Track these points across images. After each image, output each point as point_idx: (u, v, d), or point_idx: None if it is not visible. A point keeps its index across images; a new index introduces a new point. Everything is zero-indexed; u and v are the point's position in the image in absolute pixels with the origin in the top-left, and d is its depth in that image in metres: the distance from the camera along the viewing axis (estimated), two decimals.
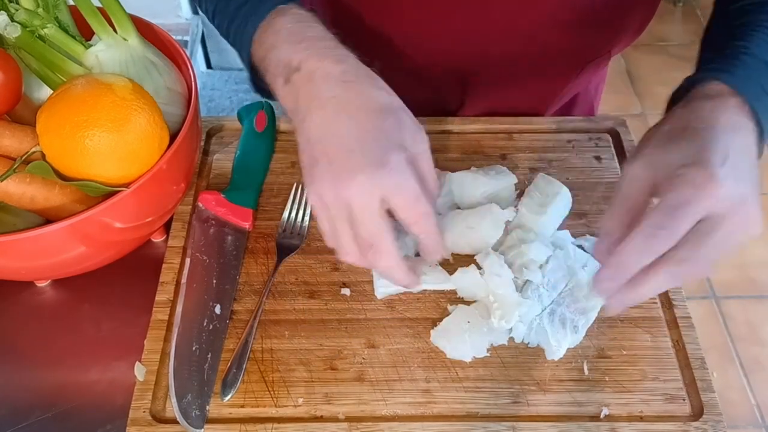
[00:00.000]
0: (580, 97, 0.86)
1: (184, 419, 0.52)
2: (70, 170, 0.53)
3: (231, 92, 2.00)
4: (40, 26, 0.55)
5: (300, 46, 0.52)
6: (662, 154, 0.47)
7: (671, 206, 0.44)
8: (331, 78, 0.50)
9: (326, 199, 0.48)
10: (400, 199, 0.48)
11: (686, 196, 0.44)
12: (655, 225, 0.44)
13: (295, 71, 0.51)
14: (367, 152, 0.47)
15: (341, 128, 0.48)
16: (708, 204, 0.44)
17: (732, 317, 1.64)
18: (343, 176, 0.47)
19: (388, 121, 0.49)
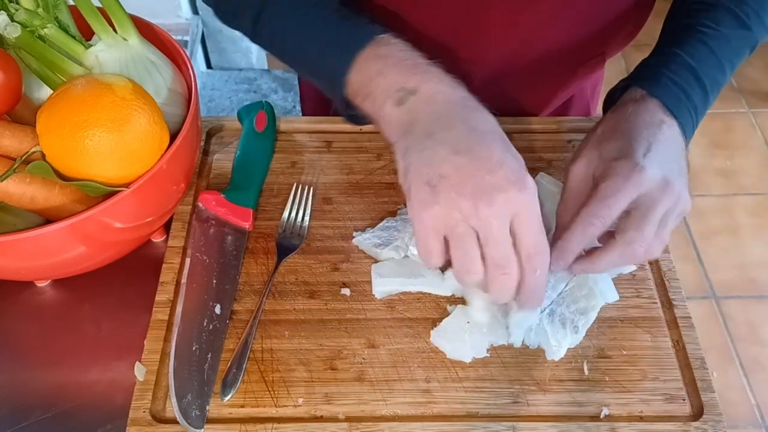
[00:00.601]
0: (577, 97, 0.86)
1: (184, 419, 0.52)
2: (70, 170, 0.53)
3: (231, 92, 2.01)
4: (40, 26, 0.55)
5: (413, 71, 0.52)
6: (597, 152, 0.54)
7: (603, 196, 0.51)
8: (453, 102, 0.50)
9: (455, 216, 0.47)
10: (529, 222, 0.47)
11: (616, 185, 0.51)
12: (591, 214, 0.51)
13: (411, 94, 0.51)
14: (508, 172, 0.47)
15: (474, 145, 0.48)
16: (635, 189, 0.50)
17: (732, 317, 1.64)
18: (483, 195, 0.46)
19: (513, 149, 0.49)
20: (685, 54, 0.58)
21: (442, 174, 0.47)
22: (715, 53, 0.59)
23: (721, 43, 0.59)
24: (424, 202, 0.48)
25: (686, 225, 1.79)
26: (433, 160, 0.48)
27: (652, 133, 0.53)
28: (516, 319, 0.56)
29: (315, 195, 0.67)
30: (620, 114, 0.56)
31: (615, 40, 0.74)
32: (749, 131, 2.05)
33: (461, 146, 0.47)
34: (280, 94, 2.01)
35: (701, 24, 0.59)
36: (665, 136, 0.54)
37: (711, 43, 0.59)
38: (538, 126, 0.73)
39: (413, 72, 0.52)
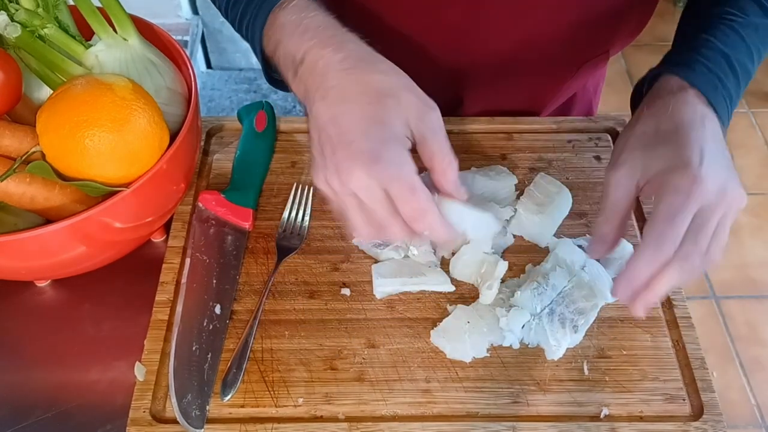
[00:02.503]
0: (578, 96, 0.86)
1: (184, 419, 0.52)
2: (70, 170, 0.53)
3: (231, 92, 2.01)
4: (40, 26, 0.55)
5: (302, 38, 0.52)
6: (641, 160, 0.51)
7: (668, 215, 0.47)
8: (331, 67, 0.50)
9: (333, 187, 0.49)
10: (397, 191, 0.48)
11: (678, 202, 0.47)
12: (659, 236, 0.47)
13: (300, 64, 0.52)
14: (363, 143, 0.48)
15: (341, 118, 0.49)
16: (697, 204, 0.48)
17: (732, 317, 1.64)
18: (343, 168, 0.48)
19: (387, 106, 0.49)
20: (718, 41, 0.55)
21: (320, 145, 0.50)
22: (745, 41, 0.56)
23: (750, 31, 0.57)
24: (314, 171, 0.51)
25: None
26: (316, 130, 0.50)
27: (701, 136, 0.50)
28: (508, 322, 0.56)
29: (315, 195, 0.67)
30: (659, 110, 0.53)
31: (619, 36, 0.73)
32: (749, 131, 2.05)
33: (332, 121, 0.49)
34: (280, 94, 2.00)
35: (728, 12, 0.57)
36: (712, 134, 0.51)
37: (741, 30, 0.56)
38: (538, 126, 0.73)
39: (302, 39, 0.52)
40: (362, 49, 0.52)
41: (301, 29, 0.53)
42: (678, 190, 0.48)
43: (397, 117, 0.49)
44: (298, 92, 0.54)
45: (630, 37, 0.75)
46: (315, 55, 0.51)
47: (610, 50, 0.76)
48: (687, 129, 0.51)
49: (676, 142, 0.50)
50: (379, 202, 0.48)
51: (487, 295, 0.58)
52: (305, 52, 0.52)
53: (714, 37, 0.56)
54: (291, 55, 0.53)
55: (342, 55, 0.51)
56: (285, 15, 0.55)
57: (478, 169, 0.67)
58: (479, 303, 0.59)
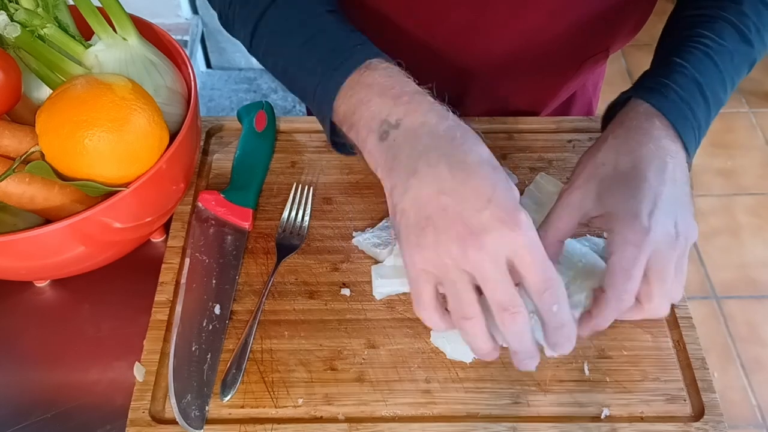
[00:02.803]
0: (578, 95, 0.86)
1: (184, 420, 0.52)
2: (70, 170, 0.53)
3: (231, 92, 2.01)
4: (40, 26, 0.55)
5: (397, 101, 0.48)
6: (596, 192, 0.52)
7: (623, 269, 0.49)
8: (437, 135, 0.46)
9: (446, 262, 0.44)
10: (531, 260, 0.44)
11: (631, 256, 0.48)
12: (620, 290, 0.49)
13: (394, 128, 0.48)
14: (497, 211, 0.44)
15: (459, 184, 0.44)
16: (647, 255, 0.49)
17: (732, 317, 1.64)
18: (472, 237, 0.43)
19: (503, 181, 0.45)
20: (693, 67, 0.55)
21: (428, 216, 0.45)
22: (719, 68, 0.56)
23: (725, 58, 0.56)
24: (414, 246, 0.45)
25: None
26: (418, 201, 0.45)
27: (658, 180, 0.50)
28: None
29: (315, 195, 0.67)
30: (622, 142, 0.53)
31: (619, 34, 0.73)
32: (750, 131, 2.05)
33: (446, 185, 0.45)
34: (280, 93, 2.01)
35: (704, 36, 0.57)
36: (671, 174, 0.51)
37: (716, 57, 0.56)
38: (538, 126, 0.73)
39: (397, 102, 0.48)
40: (461, 122, 0.48)
41: (395, 92, 0.49)
42: (628, 242, 0.49)
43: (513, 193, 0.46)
44: (380, 158, 0.48)
45: (630, 35, 0.75)
46: (414, 121, 0.47)
47: (610, 48, 0.76)
48: (644, 171, 0.51)
49: (631, 186, 0.50)
50: (506, 276, 0.44)
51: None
52: (402, 116, 0.48)
53: (688, 63, 0.55)
54: (380, 117, 0.48)
55: (447, 125, 0.47)
56: (375, 76, 0.50)
57: None
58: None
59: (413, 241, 0.45)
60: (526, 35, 0.69)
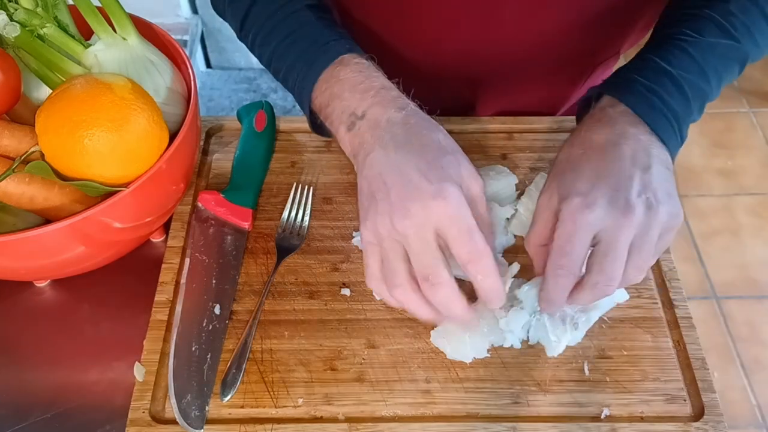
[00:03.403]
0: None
1: (184, 420, 0.52)
2: (70, 170, 0.52)
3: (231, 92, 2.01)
4: (39, 26, 0.55)
5: (365, 95, 0.54)
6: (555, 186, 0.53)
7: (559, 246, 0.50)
8: (394, 122, 0.52)
9: (381, 232, 0.49)
10: (455, 231, 0.47)
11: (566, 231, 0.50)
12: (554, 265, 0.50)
13: (360, 118, 0.54)
14: (424, 183, 0.48)
15: (400, 164, 0.49)
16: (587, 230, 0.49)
17: (732, 317, 1.64)
18: (399, 207, 0.48)
19: (447, 159, 0.50)
20: (662, 60, 0.56)
21: (372, 192, 0.50)
22: (695, 59, 0.56)
23: (704, 49, 0.57)
24: (362, 221, 0.51)
25: (687, 225, 1.78)
26: (368, 179, 0.51)
27: (610, 159, 0.51)
28: (507, 322, 0.56)
29: (315, 195, 0.67)
30: (578, 134, 0.55)
31: (630, 38, 0.73)
32: (750, 131, 2.05)
33: (390, 163, 0.50)
34: (280, 93, 2.00)
35: (682, 33, 0.57)
36: (626, 155, 0.51)
37: (690, 49, 0.56)
38: (539, 126, 0.73)
39: (364, 96, 0.54)
40: (421, 112, 0.54)
41: (363, 87, 0.55)
42: (564, 217, 0.50)
43: (455, 170, 0.49)
44: (348, 145, 0.55)
45: (640, 36, 0.74)
46: (377, 113, 0.53)
47: (621, 50, 0.76)
48: (590, 154, 0.52)
49: (576, 169, 0.52)
50: (429, 247, 0.47)
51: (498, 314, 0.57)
52: (367, 109, 0.54)
53: (657, 56, 0.56)
54: (350, 110, 0.54)
55: (405, 113, 0.53)
56: (346, 72, 0.56)
57: (478, 168, 0.67)
58: (480, 303, 0.58)
59: (362, 216, 0.51)
60: (535, 44, 0.69)
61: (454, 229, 0.47)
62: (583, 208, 0.49)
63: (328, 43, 0.58)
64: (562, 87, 0.78)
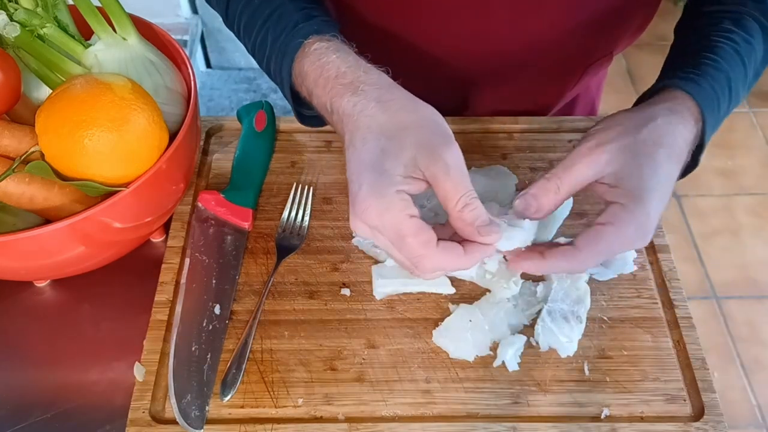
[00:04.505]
0: (582, 95, 0.86)
1: (184, 420, 0.52)
2: (70, 170, 0.52)
3: (231, 92, 2.00)
4: (39, 26, 0.55)
5: (325, 89, 0.54)
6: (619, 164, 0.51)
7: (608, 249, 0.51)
8: (347, 114, 0.52)
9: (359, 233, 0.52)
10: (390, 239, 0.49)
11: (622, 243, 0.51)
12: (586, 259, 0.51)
13: (331, 113, 0.54)
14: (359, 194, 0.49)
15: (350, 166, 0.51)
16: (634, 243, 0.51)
17: (732, 317, 1.64)
18: (351, 218, 0.51)
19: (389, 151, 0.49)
20: (725, 62, 0.55)
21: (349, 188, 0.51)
22: (745, 67, 0.56)
23: (752, 57, 0.57)
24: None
25: (687, 225, 1.78)
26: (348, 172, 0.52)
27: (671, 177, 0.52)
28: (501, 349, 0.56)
29: (315, 195, 0.67)
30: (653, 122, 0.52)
31: (623, 37, 0.73)
32: (750, 131, 2.05)
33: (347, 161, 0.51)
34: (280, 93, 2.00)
35: (732, 32, 0.57)
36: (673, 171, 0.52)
37: (744, 55, 0.56)
38: (539, 126, 0.73)
39: (324, 91, 0.54)
40: (377, 91, 0.52)
41: (323, 80, 0.54)
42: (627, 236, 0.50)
43: (397, 160, 0.48)
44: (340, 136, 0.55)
45: (633, 37, 0.75)
46: (337, 105, 0.53)
47: (614, 51, 0.76)
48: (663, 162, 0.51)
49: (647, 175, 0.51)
50: (388, 247, 0.50)
51: (510, 290, 0.58)
52: (331, 103, 0.53)
53: (721, 58, 0.56)
54: (323, 105, 0.55)
55: (355, 100, 0.51)
56: (308, 63, 0.55)
57: (478, 169, 0.67)
58: (482, 301, 0.59)
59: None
60: (529, 42, 0.69)
61: (381, 239, 0.49)
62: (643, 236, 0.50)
63: (295, 26, 0.57)
64: (556, 88, 0.78)
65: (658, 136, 0.52)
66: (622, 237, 0.50)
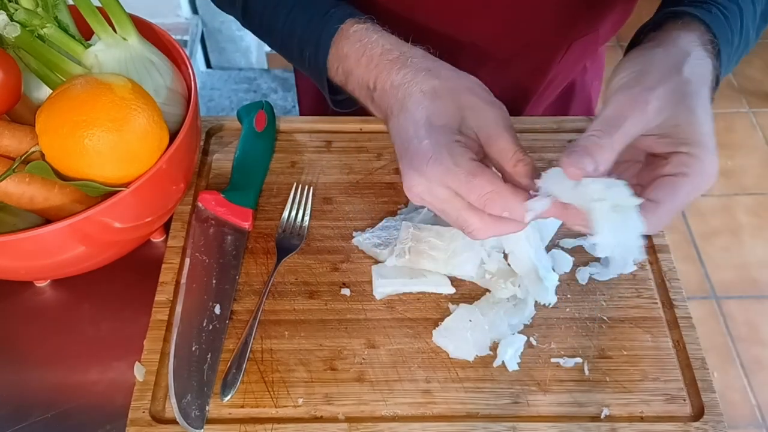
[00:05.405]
0: (577, 90, 0.85)
1: (184, 419, 0.52)
2: (70, 170, 0.53)
3: (231, 92, 2.01)
4: (40, 26, 0.55)
5: (369, 66, 0.55)
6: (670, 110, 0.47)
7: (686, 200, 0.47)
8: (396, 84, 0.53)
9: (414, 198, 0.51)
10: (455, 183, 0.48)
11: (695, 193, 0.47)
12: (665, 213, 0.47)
13: (374, 90, 0.55)
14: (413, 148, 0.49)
15: (400, 129, 0.51)
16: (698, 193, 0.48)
17: (732, 317, 1.64)
18: (406, 177, 0.50)
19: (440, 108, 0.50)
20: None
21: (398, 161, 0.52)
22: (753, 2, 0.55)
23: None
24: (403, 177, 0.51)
25: (687, 225, 1.78)
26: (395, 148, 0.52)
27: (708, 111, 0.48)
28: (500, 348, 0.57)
29: (315, 195, 0.67)
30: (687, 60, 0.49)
31: (607, 15, 0.72)
32: (750, 131, 2.05)
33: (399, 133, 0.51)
34: (280, 93, 2.01)
35: None
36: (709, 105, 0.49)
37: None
38: (539, 126, 0.73)
39: (368, 68, 0.55)
40: (425, 62, 0.53)
41: (366, 58, 0.55)
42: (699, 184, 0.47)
43: (451, 117, 0.50)
44: (378, 114, 0.56)
45: (621, 16, 0.73)
46: (383, 80, 0.54)
47: (600, 29, 0.74)
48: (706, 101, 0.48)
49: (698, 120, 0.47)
50: (446, 202, 0.49)
51: (510, 290, 0.58)
52: (375, 80, 0.54)
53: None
54: (364, 84, 0.55)
55: (405, 71, 0.53)
56: (348, 45, 0.56)
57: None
58: (482, 301, 0.59)
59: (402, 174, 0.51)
60: (509, 12, 0.68)
61: (452, 182, 0.48)
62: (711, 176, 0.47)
63: (327, 13, 0.58)
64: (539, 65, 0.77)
65: (699, 74, 0.49)
66: (696, 186, 0.47)
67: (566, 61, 0.77)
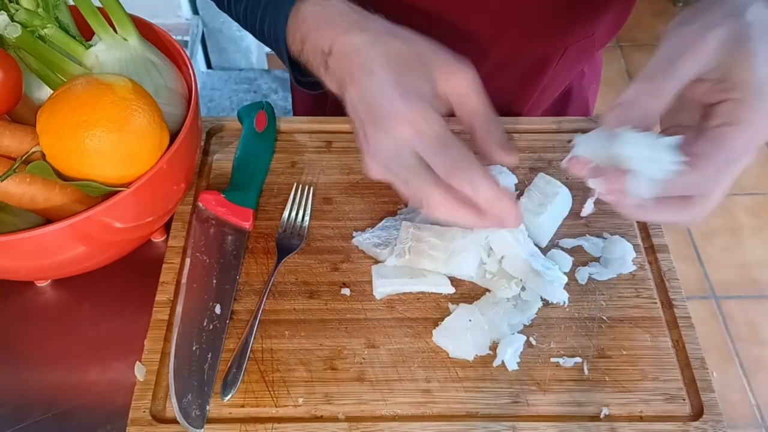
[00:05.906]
0: (575, 93, 0.85)
1: (184, 419, 0.52)
2: (70, 170, 0.53)
3: (231, 92, 2.01)
4: (40, 26, 0.55)
5: (326, 28, 0.52)
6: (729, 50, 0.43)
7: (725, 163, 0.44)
8: (356, 48, 0.50)
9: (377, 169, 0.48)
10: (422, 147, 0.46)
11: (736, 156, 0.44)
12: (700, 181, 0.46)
13: (329, 55, 0.51)
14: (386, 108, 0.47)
15: (366, 93, 0.48)
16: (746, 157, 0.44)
17: (732, 317, 1.64)
18: (373, 141, 0.47)
19: (411, 69, 0.48)
20: None
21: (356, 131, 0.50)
22: None
23: None
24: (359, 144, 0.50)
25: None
26: (352, 118, 0.50)
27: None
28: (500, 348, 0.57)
29: (315, 195, 0.67)
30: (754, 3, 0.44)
31: (603, 20, 0.72)
32: None
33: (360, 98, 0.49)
34: (280, 94, 2.01)
35: None
36: None
37: None
38: (538, 126, 0.73)
39: (326, 30, 0.52)
40: (386, 26, 0.51)
41: (324, 20, 0.53)
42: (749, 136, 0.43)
43: (421, 78, 0.48)
44: (332, 86, 0.53)
45: (616, 20, 0.73)
46: (341, 42, 0.51)
47: (596, 34, 0.74)
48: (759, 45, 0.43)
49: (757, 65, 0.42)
50: (411, 170, 0.46)
51: (510, 290, 0.58)
52: (332, 42, 0.51)
53: None
54: (319, 48, 0.52)
55: (366, 35, 0.50)
56: (307, 7, 0.54)
57: None
58: (482, 301, 0.59)
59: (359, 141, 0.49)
60: (506, 17, 0.68)
61: (420, 145, 0.46)
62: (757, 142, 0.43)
63: None
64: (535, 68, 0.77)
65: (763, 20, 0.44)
66: (748, 138, 0.42)
67: (562, 66, 0.77)
